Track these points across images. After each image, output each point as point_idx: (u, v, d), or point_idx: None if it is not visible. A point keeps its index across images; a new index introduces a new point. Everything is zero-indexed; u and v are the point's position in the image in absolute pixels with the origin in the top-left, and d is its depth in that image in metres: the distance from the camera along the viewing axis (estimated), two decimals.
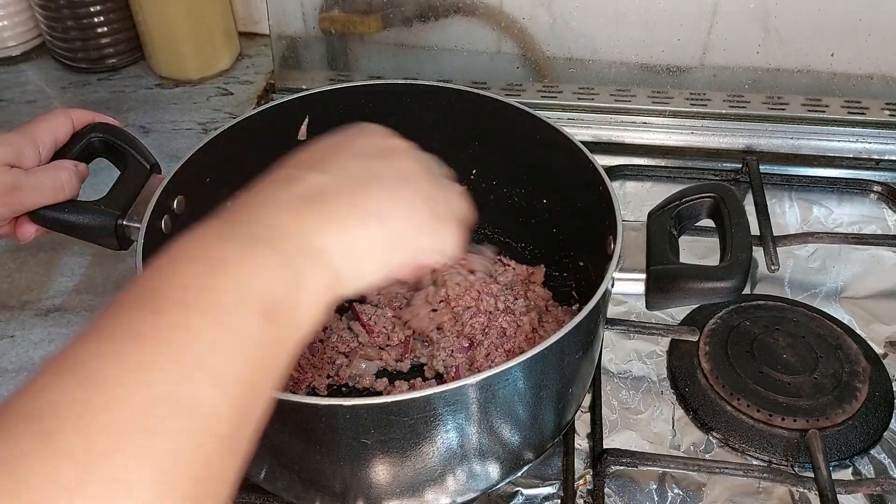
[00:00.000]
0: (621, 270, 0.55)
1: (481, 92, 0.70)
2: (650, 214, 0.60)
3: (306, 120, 0.70)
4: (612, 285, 0.55)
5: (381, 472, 0.52)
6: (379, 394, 0.66)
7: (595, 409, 0.66)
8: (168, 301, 0.32)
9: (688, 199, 0.59)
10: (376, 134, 0.46)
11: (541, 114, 0.67)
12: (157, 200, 0.59)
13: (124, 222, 0.60)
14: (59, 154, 0.61)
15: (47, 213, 0.59)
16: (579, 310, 0.51)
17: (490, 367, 0.65)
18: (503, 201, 0.76)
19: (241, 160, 0.69)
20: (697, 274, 0.55)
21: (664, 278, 0.55)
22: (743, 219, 0.57)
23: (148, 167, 0.63)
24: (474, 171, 0.76)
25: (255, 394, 0.33)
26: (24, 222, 0.60)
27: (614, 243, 0.56)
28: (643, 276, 0.56)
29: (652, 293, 0.56)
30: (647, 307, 0.58)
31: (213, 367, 0.30)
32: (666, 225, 0.58)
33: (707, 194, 0.59)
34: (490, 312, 0.68)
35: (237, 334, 0.32)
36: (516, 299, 0.70)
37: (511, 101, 0.69)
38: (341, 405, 0.47)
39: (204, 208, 0.65)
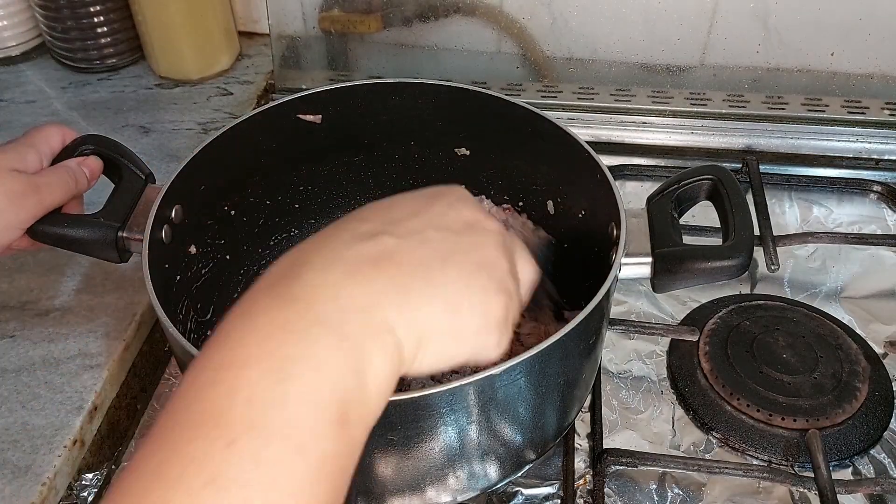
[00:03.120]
0: (627, 255, 0.56)
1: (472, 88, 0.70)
2: (649, 199, 0.60)
3: (319, 116, 0.71)
4: (620, 270, 0.55)
5: (388, 469, 0.52)
6: None
7: (595, 408, 0.66)
8: (237, 425, 0.29)
9: (686, 182, 0.60)
10: (463, 203, 0.41)
11: (525, 103, 0.67)
12: (157, 211, 0.59)
13: (124, 234, 0.59)
14: (55, 163, 0.61)
15: (47, 228, 0.59)
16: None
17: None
18: (503, 203, 0.77)
19: (237, 164, 0.69)
20: (704, 254, 0.55)
21: (671, 260, 0.56)
22: (742, 198, 0.58)
23: (143, 177, 0.63)
24: (470, 167, 0.76)
25: None
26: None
27: (617, 229, 0.56)
28: (649, 259, 0.56)
29: (659, 275, 0.56)
30: (654, 290, 0.58)
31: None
32: (666, 208, 0.59)
33: (705, 176, 0.59)
34: None
35: (315, 453, 0.30)
36: None
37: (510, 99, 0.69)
38: None
39: (201, 215, 0.66)
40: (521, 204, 0.75)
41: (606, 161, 0.62)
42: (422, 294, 0.36)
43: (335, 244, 0.36)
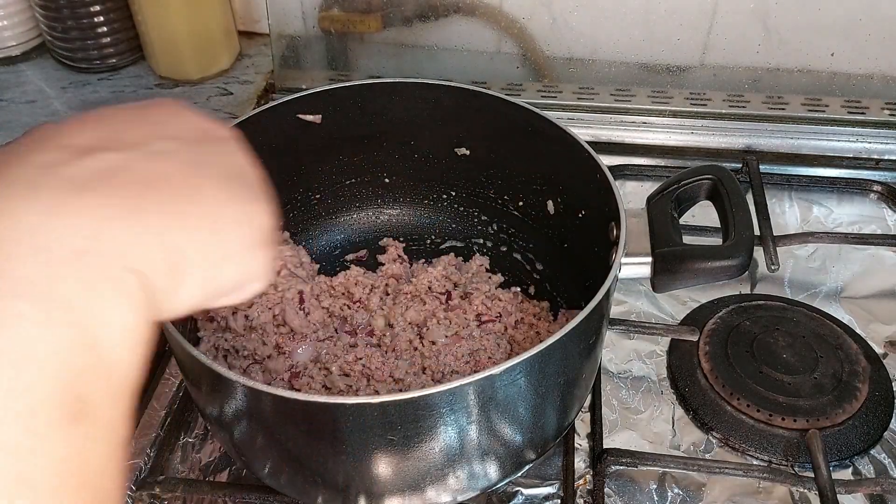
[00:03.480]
0: (627, 255, 0.56)
1: (471, 87, 0.70)
2: (649, 199, 0.60)
3: (319, 116, 0.71)
4: (620, 270, 0.55)
5: (388, 469, 0.52)
6: None
7: (595, 408, 0.66)
8: None
9: (686, 182, 0.60)
10: (186, 109, 0.35)
11: (525, 103, 0.67)
12: None
13: None
14: None
15: None
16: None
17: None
18: (503, 203, 0.77)
19: None
20: (704, 254, 0.55)
21: (671, 260, 0.56)
22: (742, 198, 0.58)
23: None
24: (470, 167, 0.76)
25: None
26: None
27: (617, 229, 0.56)
28: (649, 259, 0.56)
29: (659, 275, 0.56)
30: (654, 289, 0.58)
31: None
32: (666, 208, 0.59)
33: (705, 176, 0.59)
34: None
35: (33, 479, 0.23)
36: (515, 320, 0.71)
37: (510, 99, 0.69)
38: (370, 403, 0.46)
39: None
40: (520, 204, 0.76)
41: (606, 161, 0.62)
42: (168, 213, 0.29)
43: (26, 170, 0.27)
